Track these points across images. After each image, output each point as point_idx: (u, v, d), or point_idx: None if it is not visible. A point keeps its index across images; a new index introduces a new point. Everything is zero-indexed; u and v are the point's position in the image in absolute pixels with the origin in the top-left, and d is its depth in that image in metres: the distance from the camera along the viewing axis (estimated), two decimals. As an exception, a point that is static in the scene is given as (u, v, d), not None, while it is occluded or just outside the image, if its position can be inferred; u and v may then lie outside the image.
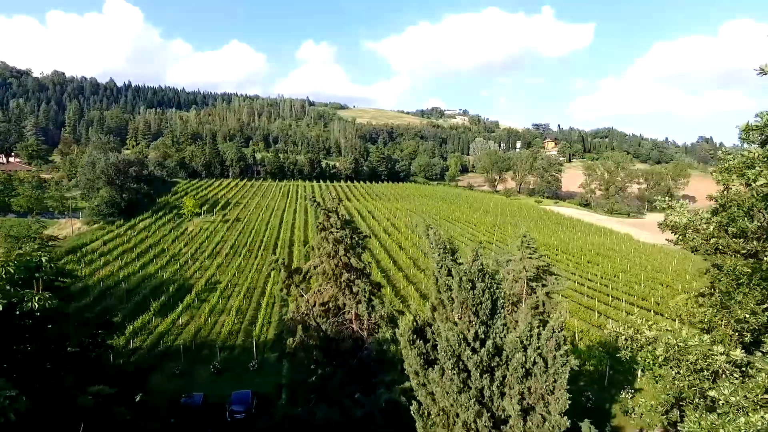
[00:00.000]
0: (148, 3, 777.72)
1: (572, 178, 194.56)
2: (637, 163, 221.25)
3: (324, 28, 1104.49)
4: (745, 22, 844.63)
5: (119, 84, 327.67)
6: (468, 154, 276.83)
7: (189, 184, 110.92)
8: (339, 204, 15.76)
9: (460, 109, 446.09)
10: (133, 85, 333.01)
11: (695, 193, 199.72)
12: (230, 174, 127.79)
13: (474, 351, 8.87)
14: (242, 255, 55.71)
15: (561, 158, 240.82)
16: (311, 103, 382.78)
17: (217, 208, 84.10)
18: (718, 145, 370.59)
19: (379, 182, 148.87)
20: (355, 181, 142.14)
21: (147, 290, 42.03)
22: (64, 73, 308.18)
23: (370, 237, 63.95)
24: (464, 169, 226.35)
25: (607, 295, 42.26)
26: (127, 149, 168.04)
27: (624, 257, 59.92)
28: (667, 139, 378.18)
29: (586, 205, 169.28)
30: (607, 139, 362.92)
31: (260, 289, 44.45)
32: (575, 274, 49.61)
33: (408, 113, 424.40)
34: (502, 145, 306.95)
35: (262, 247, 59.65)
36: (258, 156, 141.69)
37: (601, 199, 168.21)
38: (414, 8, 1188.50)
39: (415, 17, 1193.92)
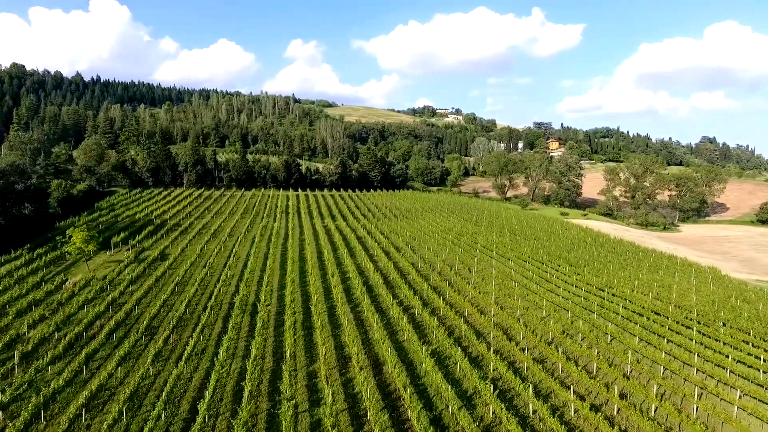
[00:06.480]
0: (135, 1, 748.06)
1: (585, 182, 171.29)
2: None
3: (313, 27, 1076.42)
4: (730, 24, 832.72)
5: (86, 78, 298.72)
6: (467, 155, 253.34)
7: (125, 196, 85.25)
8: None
9: (453, 108, 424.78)
10: (102, 80, 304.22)
11: (725, 200, 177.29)
12: (185, 181, 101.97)
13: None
14: (126, 347, 30.43)
15: (570, 159, 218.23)
16: (296, 100, 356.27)
17: (141, 235, 58.50)
18: (721, 145, 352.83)
19: (372, 190, 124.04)
20: (342, 189, 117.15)
21: None
22: (24, 66, 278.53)
23: (367, 296, 36.60)
24: (465, 172, 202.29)
25: None
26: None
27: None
28: (671, 138, 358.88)
29: (608, 214, 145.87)
30: (612, 139, 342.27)
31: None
32: None
33: (399, 112, 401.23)
34: (503, 145, 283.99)
35: (174, 326, 34.23)
36: (221, 159, 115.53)
37: (629, 208, 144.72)
38: (403, 8, 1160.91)
39: (404, 17, 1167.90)
